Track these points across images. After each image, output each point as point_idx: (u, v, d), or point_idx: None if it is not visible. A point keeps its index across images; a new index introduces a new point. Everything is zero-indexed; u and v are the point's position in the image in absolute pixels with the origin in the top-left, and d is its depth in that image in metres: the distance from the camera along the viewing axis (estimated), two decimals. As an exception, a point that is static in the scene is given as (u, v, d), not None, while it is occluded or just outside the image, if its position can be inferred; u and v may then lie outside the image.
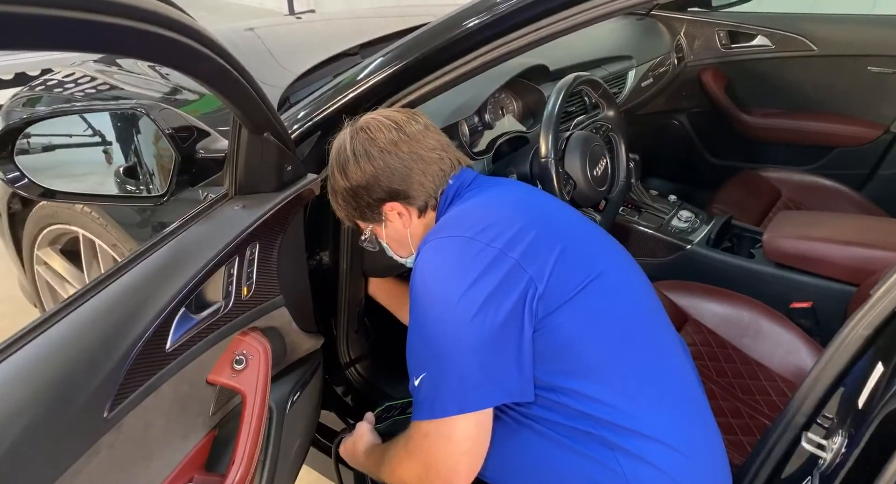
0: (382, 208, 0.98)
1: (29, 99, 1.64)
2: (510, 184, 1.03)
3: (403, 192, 0.96)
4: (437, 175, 0.97)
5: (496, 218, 0.87)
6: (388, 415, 1.17)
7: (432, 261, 0.86)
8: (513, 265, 0.81)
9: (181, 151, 1.03)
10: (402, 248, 1.05)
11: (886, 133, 2.21)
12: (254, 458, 0.85)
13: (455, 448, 0.80)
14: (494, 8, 0.96)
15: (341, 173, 0.97)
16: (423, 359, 0.83)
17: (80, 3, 0.46)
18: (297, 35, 2.00)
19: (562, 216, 0.96)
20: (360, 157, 0.94)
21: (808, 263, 1.62)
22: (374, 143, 0.94)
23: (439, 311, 0.81)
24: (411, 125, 0.97)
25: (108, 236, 1.40)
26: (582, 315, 0.83)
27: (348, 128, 0.98)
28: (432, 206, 0.98)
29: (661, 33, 2.38)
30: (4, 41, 0.43)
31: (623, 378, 0.84)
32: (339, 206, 1.02)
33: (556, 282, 0.82)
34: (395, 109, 1.01)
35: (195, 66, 0.66)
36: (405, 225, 0.99)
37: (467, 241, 0.84)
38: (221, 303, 0.84)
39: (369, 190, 0.96)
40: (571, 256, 0.86)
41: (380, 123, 0.95)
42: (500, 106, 1.58)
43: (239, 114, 0.82)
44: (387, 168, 0.94)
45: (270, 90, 1.19)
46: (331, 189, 1.01)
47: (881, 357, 0.81)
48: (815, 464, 0.85)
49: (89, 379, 0.64)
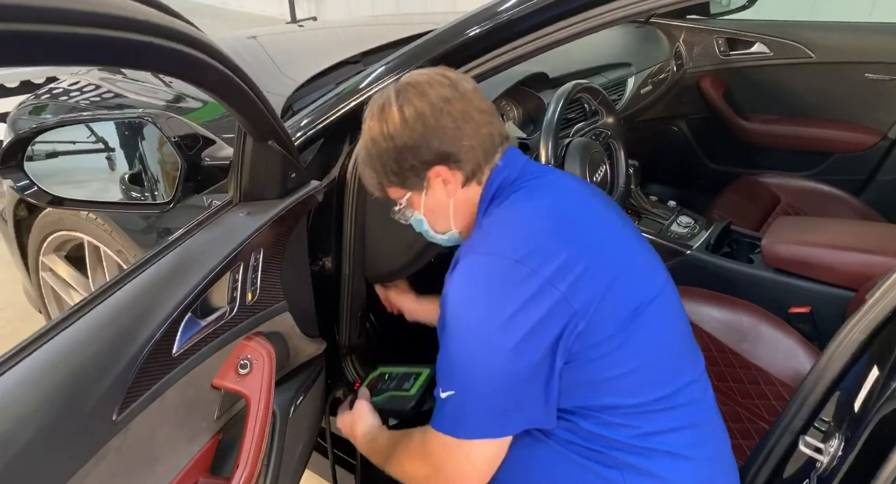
0: (427, 173, 0.89)
1: (35, 107, 1.66)
2: (561, 188, 0.93)
3: (453, 155, 0.87)
4: (487, 141, 0.89)
5: (545, 240, 0.81)
6: (383, 386, 1.15)
7: (473, 279, 0.82)
8: (558, 299, 0.77)
9: (187, 159, 1.04)
10: (441, 221, 0.96)
11: (884, 139, 2.23)
12: (258, 461, 0.86)
13: (471, 467, 0.81)
14: (496, 17, 0.97)
15: (384, 134, 0.87)
16: (453, 377, 0.81)
17: (96, 20, 0.47)
18: (299, 43, 2.02)
19: (613, 235, 0.90)
20: (409, 114, 0.85)
21: (807, 268, 1.63)
22: (426, 98, 0.86)
23: (475, 334, 0.79)
24: (463, 83, 0.89)
25: (113, 242, 1.42)
26: (616, 353, 0.81)
27: (391, 85, 0.90)
28: (478, 180, 0.91)
29: (661, 40, 2.40)
30: (20, 57, 0.44)
31: (646, 402, 0.83)
32: (373, 172, 0.93)
33: (599, 318, 0.79)
34: (443, 68, 0.92)
35: (202, 77, 0.68)
36: (448, 194, 0.91)
37: (512, 264, 0.79)
38: (226, 308, 0.85)
39: (416, 151, 0.87)
40: (618, 290, 0.82)
41: (430, 79, 0.88)
42: (501, 113, 1.59)
43: (244, 122, 0.83)
44: (438, 127, 0.86)
45: (274, 98, 1.21)
46: (364, 154, 0.92)
47: (877, 361, 0.82)
48: (813, 467, 0.86)
49: (98, 383, 0.66)
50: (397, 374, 1.16)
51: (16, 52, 0.44)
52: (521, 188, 0.89)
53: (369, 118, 0.90)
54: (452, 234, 0.98)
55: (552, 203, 0.88)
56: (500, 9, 0.97)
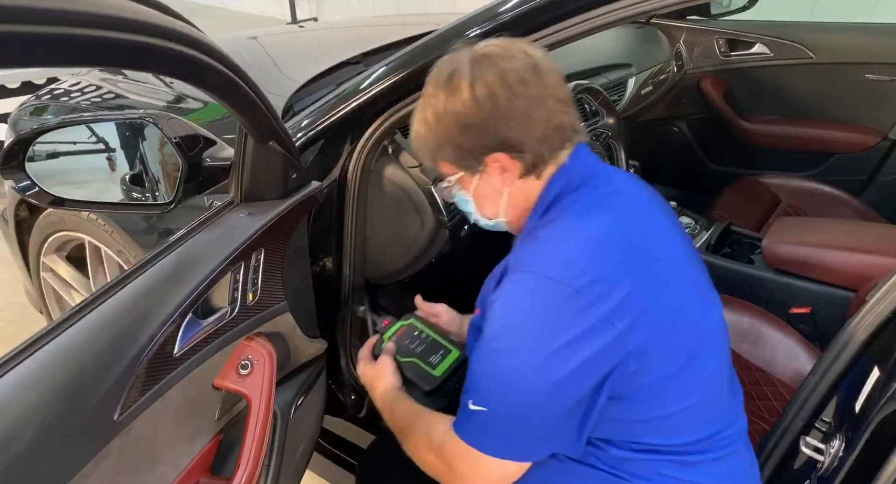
0: (486, 158, 0.82)
1: (36, 108, 1.66)
2: (629, 201, 0.86)
3: (518, 144, 0.80)
4: (557, 134, 0.81)
5: (608, 270, 0.75)
6: (411, 345, 1.08)
7: (527, 301, 0.76)
8: (614, 338, 0.73)
9: (188, 160, 1.04)
10: (490, 207, 0.89)
11: (885, 140, 2.23)
12: (259, 461, 0.86)
13: (489, 479, 0.80)
14: (496, 17, 0.97)
15: (448, 108, 0.80)
16: (488, 394, 0.77)
17: (96, 21, 0.48)
18: (299, 44, 2.02)
19: (678, 264, 0.84)
20: (480, 92, 0.77)
21: (808, 268, 1.63)
22: (502, 76, 0.77)
23: (521, 359, 0.75)
24: (544, 63, 0.80)
25: (113, 243, 1.42)
26: (666, 393, 0.78)
27: (465, 50, 0.81)
28: (539, 174, 0.84)
29: (661, 41, 2.41)
30: (22, 59, 0.44)
31: (689, 442, 0.81)
32: (426, 142, 0.85)
33: (654, 360, 0.76)
34: (524, 41, 0.83)
35: (203, 78, 0.68)
36: (504, 182, 0.84)
37: (572, 293, 0.73)
38: (227, 309, 0.85)
39: (480, 134, 0.80)
40: (678, 331, 0.78)
41: (510, 53, 0.79)
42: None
43: (245, 123, 0.83)
44: (509, 112, 0.78)
45: (275, 99, 1.21)
46: (421, 121, 0.84)
47: (877, 362, 0.83)
48: (814, 467, 0.86)
49: (99, 383, 0.66)
50: (427, 337, 1.10)
51: (18, 53, 0.44)
52: (585, 197, 0.82)
53: (434, 84, 0.82)
54: (499, 222, 0.91)
55: (618, 224, 0.81)
56: (500, 10, 0.97)
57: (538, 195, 0.85)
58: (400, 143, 1.24)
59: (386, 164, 1.21)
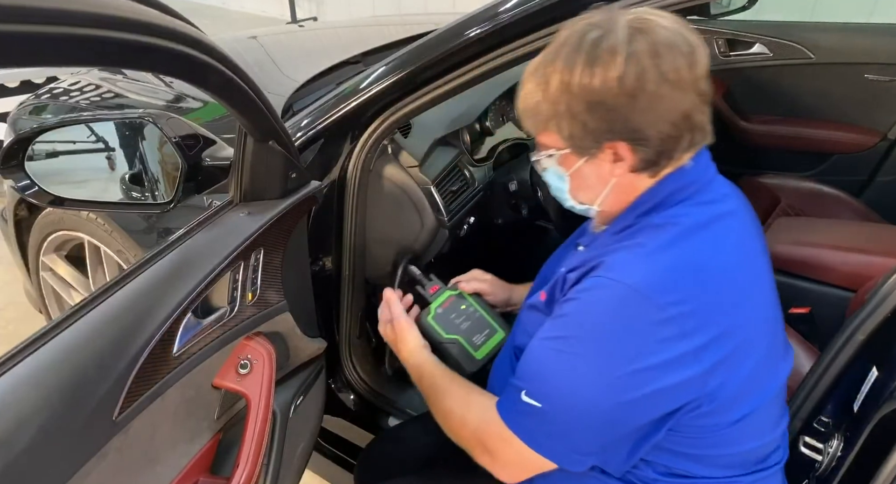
0: (605, 143, 0.73)
1: (35, 107, 1.66)
2: (736, 227, 0.79)
3: (645, 137, 0.71)
4: (687, 134, 0.72)
5: (706, 302, 0.70)
6: (456, 319, 1.05)
7: (615, 313, 0.71)
8: (697, 375, 0.70)
9: (188, 160, 1.04)
10: (588, 193, 0.81)
11: (884, 140, 2.23)
12: (258, 461, 0.86)
13: (524, 469, 0.80)
14: (496, 17, 0.97)
15: (582, 81, 0.70)
16: (548, 392, 0.74)
17: (97, 21, 0.48)
18: (299, 43, 2.02)
19: (766, 303, 0.80)
20: (629, 73, 0.68)
21: (807, 268, 1.63)
22: (658, 62, 0.68)
23: (596, 369, 0.71)
24: (701, 51, 0.70)
25: (113, 242, 1.42)
26: (728, 433, 0.76)
27: (621, 19, 0.70)
28: (653, 172, 0.75)
29: (661, 41, 2.40)
30: (23, 58, 0.45)
31: (718, 466, 0.80)
32: (537, 106, 0.75)
33: (728, 403, 0.73)
34: (686, 24, 0.72)
35: (203, 78, 0.68)
36: (613, 172, 0.76)
37: (666, 319, 0.69)
38: (227, 308, 0.85)
39: (611, 116, 0.70)
40: (757, 376, 0.76)
41: (671, 39, 0.69)
42: (502, 113, 1.60)
43: (245, 123, 0.83)
44: (653, 99, 0.69)
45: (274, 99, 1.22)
46: (541, 82, 0.74)
47: (876, 362, 0.83)
48: (812, 467, 0.86)
49: (99, 383, 0.66)
50: (475, 312, 1.07)
51: (19, 53, 0.45)
52: (697, 212, 0.75)
53: (567, 45, 0.71)
54: (591, 209, 0.83)
55: (726, 255, 0.75)
56: (500, 9, 0.97)
57: (644, 191, 0.77)
58: (399, 143, 1.24)
59: (385, 164, 1.21)
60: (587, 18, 0.72)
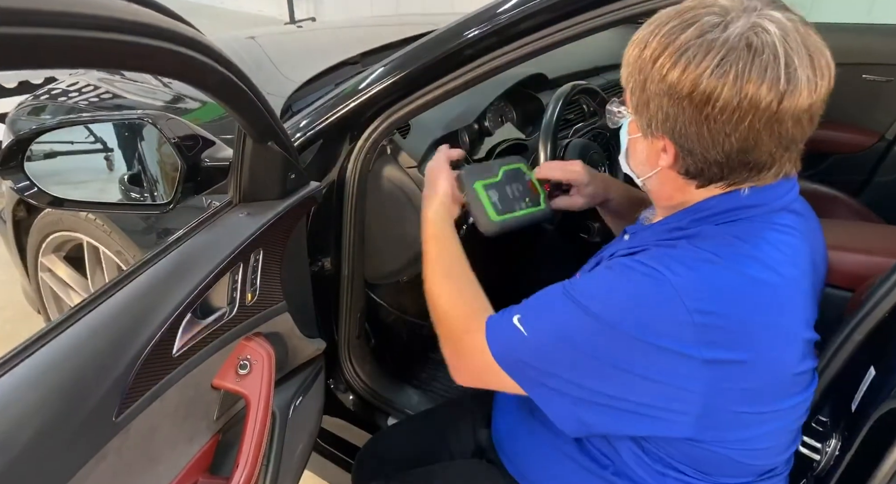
0: (658, 132, 0.71)
1: (34, 108, 1.66)
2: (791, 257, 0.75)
3: (690, 151, 0.69)
4: (741, 172, 0.69)
5: (733, 329, 0.67)
6: (515, 192, 1.02)
7: (644, 297, 0.68)
8: (696, 388, 0.68)
9: (187, 160, 1.04)
10: (637, 166, 0.79)
11: (882, 140, 2.23)
12: (257, 461, 0.86)
13: (479, 379, 0.82)
14: (495, 18, 0.98)
15: (665, 75, 0.65)
16: (539, 327, 0.73)
17: (94, 22, 0.48)
18: (298, 44, 2.02)
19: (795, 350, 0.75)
20: (708, 81, 0.62)
21: (805, 268, 1.63)
22: (740, 82, 0.62)
23: (594, 324, 0.69)
24: (805, 88, 0.63)
25: (112, 243, 1.42)
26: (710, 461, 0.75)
27: (741, 21, 0.62)
28: (699, 184, 0.73)
29: (659, 41, 2.40)
30: (22, 60, 0.45)
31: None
32: (635, 65, 0.71)
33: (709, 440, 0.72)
34: (821, 48, 0.66)
35: (202, 79, 0.68)
36: (658, 162, 0.74)
37: (689, 323, 0.66)
38: (226, 309, 0.85)
39: (671, 112, 0.67)
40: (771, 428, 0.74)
41: (776, 61, 0.61)
42: (500, 114, 1.60)
43: (243, 123, 0.83)
44: (712, 121, 0.64)
45: (273, 99, 1.22)
46: (643, 45, 0.70)
47: (874, 362, 0.83)
48: (810, 467, 0.86)
49: (98, 384, 0.66)
50: (526, 175, 1.06)
51: (17, 55, 0.45)
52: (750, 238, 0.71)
53: (680, 18, 0.66)
54: (641, 182, 0.81)
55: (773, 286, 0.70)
56: (498, 10, 0.97)
57: (704, 199, 0.74)
58: (398, 144, 1.24)
59: (384, 165, 1.21)
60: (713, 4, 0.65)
